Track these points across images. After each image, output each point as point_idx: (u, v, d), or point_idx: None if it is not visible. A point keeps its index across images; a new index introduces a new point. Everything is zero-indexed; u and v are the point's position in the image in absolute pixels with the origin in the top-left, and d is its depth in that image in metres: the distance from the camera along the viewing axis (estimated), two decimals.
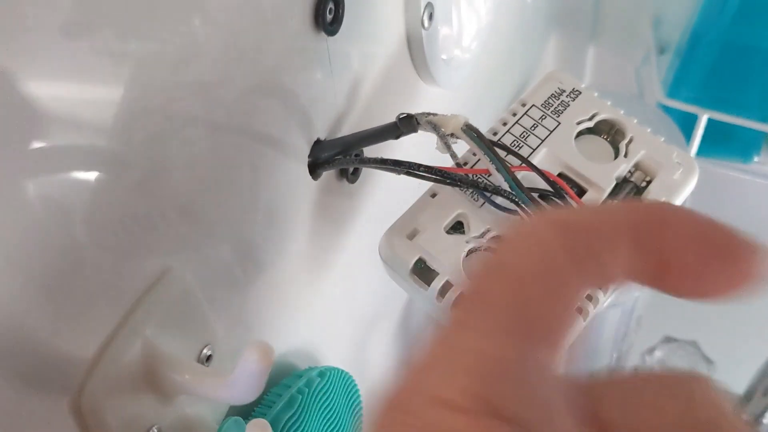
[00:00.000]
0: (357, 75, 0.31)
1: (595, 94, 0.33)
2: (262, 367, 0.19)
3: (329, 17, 0.27)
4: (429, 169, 0.27)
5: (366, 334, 0.44)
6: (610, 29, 0.70)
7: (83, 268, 0.19)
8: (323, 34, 0.27)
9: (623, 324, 0.63)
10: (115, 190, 0.20)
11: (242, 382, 0.19)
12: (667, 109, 0.60)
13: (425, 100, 0.38)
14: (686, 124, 0.59)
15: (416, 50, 0.35)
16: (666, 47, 0.64)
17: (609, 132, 0.33)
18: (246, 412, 0.29)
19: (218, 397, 0.21)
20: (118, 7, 0.18)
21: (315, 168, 0.30)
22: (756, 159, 0.64)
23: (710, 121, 0.57)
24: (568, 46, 0.70)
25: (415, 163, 0.27)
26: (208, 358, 0.24)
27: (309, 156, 0.29)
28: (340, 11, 0.27)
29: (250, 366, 0.19)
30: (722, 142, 0.62)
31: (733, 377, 0.74)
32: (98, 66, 0.18)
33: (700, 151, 0.60)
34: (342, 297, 0.38)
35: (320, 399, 0.31)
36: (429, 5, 0.34)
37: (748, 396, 0.72)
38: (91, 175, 0.19)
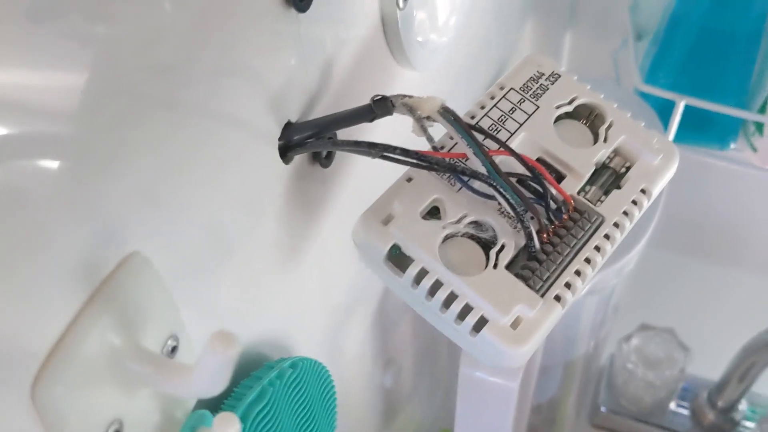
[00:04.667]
0: (329, 55, 0.30)
1: (575, 78, 0.32)
2: (226, 358, 0.18)
3: None
4: (405, 152, 0.26)
5: (341, 323, 0.43)
6: (588, 15, 0.69)
7: (43, 256, 0.18)
8: (293, 10, 0.26)
9: (600, 312, 0.63)
10: (78, 175, 0.19)
11: (206, 374, 0.18)
12: (645, 96, 0.60)
13: (401, 83, 0.38)
14: (664, 110, 0.58)
15: (391, 31, 0.34)
16: (643, 33, 0.63)
17: (588, 117, 0.32)
18: (215, 405, 0.28)
19: (182, 390, 0.20)
20: None
21: (286, 151, 0.29)
22: (732, 146, 0.64)
23: (687, 107, 0.57)
24: (545, 31, 0.69)
25: (391, 146, 0.26)
26: (174, 349, 0.23)
27: (280, 138, 0.28)
28: None
29: (214, 357, 0.18)
30: (699, 129, 0.62)
31: (710, 364, 0.75)
32: (64, 49, 0.18)
33: (678, 138, 0.59)
34: (316, 285, 0.37)
35: (292, 391, 0.31)
36: None
37: (724, 383, 0.73)
38: (54, 162, 0.18)
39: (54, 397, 0.19)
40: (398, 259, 0.27)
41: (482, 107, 0.31)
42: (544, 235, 0.28)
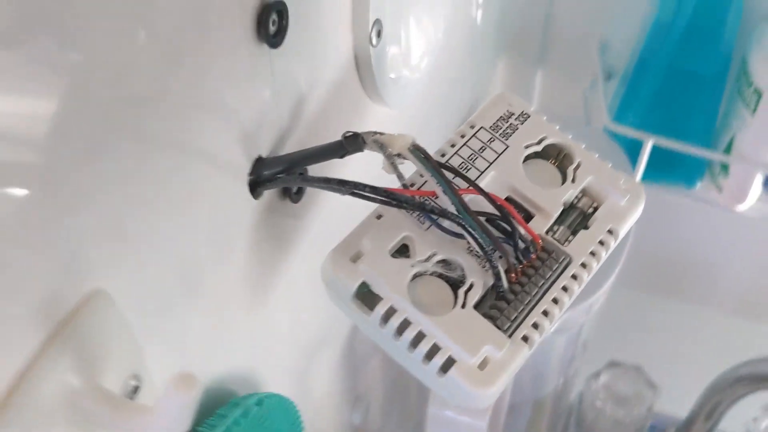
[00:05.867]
0: (302, 90, 0.30)
1: (544, 118, 0.33)
2: (187, 400, 0.17)
3: (272, 29, 0.26)
4: (374, 190, 0.26)
5: (309, 360, 0.42)
6: (558, 55, 0.70)
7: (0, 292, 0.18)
8: (266, 46, 0.26)
9: (569, 350, 0.63)
10: (41, 207, 0.19)
11: (166, 416, 0.18)
12: (614, 135, 0.60)
13: (373, 119, 0.38)
14: (632, 149, 0.59)
15: (364, 68, 0.34)
16: (612, 73, 0.65)
17: (557, 157, 0.32)
18: None
19: None
20: (62, 15, 0.17)
21: (256, 186, 0.28)
22: (699, 185, 0.65)
23: (655, 146, 0.58)
24: (516, 70, 0.70)
25: (361, 183, 0.26)
26: (136, 389, 0.22)
27: (250, 174, 0.28)
28: (284, 22, 0.26)
29: (174, 399, 0.17)
30: (667, 168, 0.63)
31: (677, 402, 0.75)
32: (35, 77, 0.17)
33: (646, 177, 0.60)
34: (284, 321, 0.37)
35: (259, 429, 0.30)
36: (377, 22, 0.33)
37: (691, 421, 0.73)
38: (19, 192, 0.18)
39: None
40: (366, 296, 0.27)
41: (453, 145, 0.31)
42: (513, 275, 0.28)
